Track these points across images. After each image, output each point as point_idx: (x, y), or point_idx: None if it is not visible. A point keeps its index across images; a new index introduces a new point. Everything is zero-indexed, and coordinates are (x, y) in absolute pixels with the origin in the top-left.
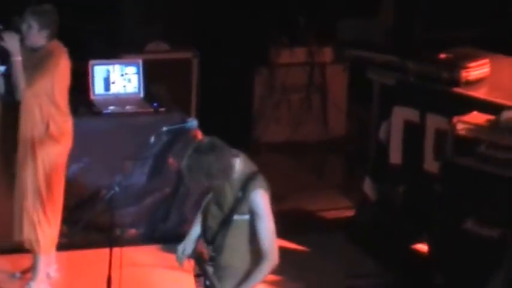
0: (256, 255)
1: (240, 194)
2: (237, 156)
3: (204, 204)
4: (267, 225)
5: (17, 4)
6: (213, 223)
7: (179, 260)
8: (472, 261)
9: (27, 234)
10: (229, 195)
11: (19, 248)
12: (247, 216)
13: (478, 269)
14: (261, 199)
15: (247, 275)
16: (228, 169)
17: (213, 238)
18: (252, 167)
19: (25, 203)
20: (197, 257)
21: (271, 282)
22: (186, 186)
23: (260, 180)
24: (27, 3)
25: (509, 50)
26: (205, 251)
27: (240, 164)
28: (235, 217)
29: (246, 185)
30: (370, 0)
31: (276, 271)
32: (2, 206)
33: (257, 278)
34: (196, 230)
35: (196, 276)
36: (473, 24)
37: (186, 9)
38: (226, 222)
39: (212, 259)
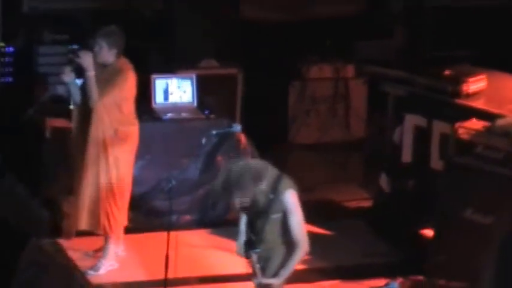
0: (289, 243)
1: (271, 195)
2: (262, 168)
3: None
4: (297, 220)
5: (90, 27)
6: (254, 218)
7: (240, 250)
8: (469, 243)
9: (102, 220)
10: (261, 196)
11: (91, 232)
12: (279, 215)
13: (474, 250)
14: (290, 198)
15: (285, 262)
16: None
17: (255, 229)
18: (274, 170)
19: (99, 194)
20: (247, 243)
21: (303, 261)
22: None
23: (287, 181)
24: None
25: (502, 67)
26: (252, 238)
27: (265, 174)
28: (271, 216)
29: (275, 187)
30: (384, 25)
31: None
32: (77, 198)
33: (293, 264)
34: (243, 223)
35: (246, 258)
36: (471, 46)
37: (233, 32)
38: (263, 217)
39: (256, 247)
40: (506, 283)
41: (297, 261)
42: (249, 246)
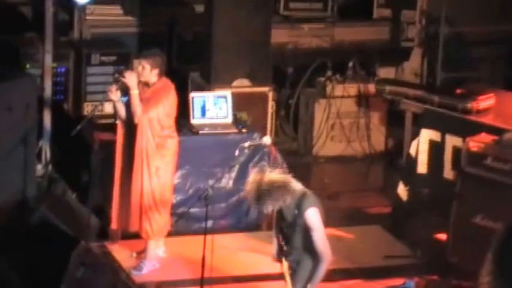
0: (315, 254)
1: (296, 211)
2: (289, 183)
3: (276, 214)
4: (319, 235)
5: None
6: (283, 231)
7: (275, 255)
8: (480, 247)
9: (144, 224)
10: (288, 213)
11: (135, 235)
12: (302, 228)
13: (484, 253)
14: (312, 216)
15: (311, 274)
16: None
17: (286, 241)
18: (298, 187)
19: (142, 201)
20: (279, 250)
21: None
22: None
23: (310, 199)
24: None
25: (508, 86)
26: (284, 248)
27: (291, 190)
28: (295, 229)
29: (299, 205)
30: (402, 51)
31: (332, 253)
32: (122, 204)
33: (319, 276)
34: (276, 232)
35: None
36: (481, 67)
37: (264, 54)
38: (290, 230)
39: (287, 255)
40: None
41: (322, 274)
42: (281, 254)
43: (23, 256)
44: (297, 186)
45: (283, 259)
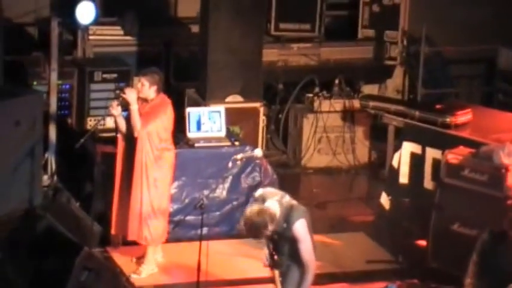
0: (298, 264)
1: (284, 225)
2: (275, 202)
3: None
4: (305, 247)
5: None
6: (272, 240)
7: (266, 261)
8: (458, 252)
9: (143, 231)
10: (277, 225)
11: (134, 242)
12: (290, 239)
13: (462, 258)
14: (300, 228)
15: (299, 283)
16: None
17: (276, 250)
18: (285, 200)
19: (141, 210)
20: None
21: (316, 266)
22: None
23: (297, 212)
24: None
25: (485, 102)
26: (274, 257)
27: (279, 207)
28: (284, 240)
29: (288, 218)
30: (385, 69)
31: (318, 258)
32: (121, 213)
33: (306, 285)
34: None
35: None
36: (459, 84)
37: (256, 72)
38: (279, 242)
39: (276, 264)
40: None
41: (308, 283)
42: (272, 263)
43: (30, 261)
44: (285, 199)
45: (274, 268)
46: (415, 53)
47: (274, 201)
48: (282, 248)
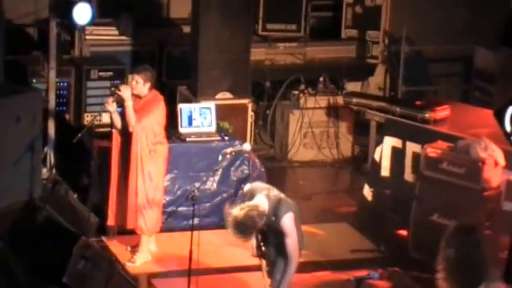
0: (284, 256)
1: (273, 218)
2: (265, 195)
3: None
4: (291, 240)
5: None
6: (261, 234)
7: (254, 251)
8: (437, 242)
9: (139, 221)
10: (265, 218)
11: (129, 231)
12: (278, 232)
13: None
14: (287, 222)
15: (282, 275)
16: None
17: (264, 241)
18: (274, 194)
19: (137, 201)
20: (257, 248)
21: (302, 255)
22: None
23: (285, 205)
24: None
25: (462, 99)
26: (261, 248)
27: (268, 200)
28: (272, 232)
29: (276, 211)
30: (367, 67)
31: (304, 247)
32: (118, 204)
33: (289, 276)
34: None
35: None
36: (438, 81)
37: (244, 70)
38: (267, 234)
39: (263, 254)
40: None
41: (291, 274)
42: (259, 253)
43: (30, 250)
44: (273, 192)
45: (262, 258)
46: (395, 52)
47: (262, 195)
48: (270, 239)
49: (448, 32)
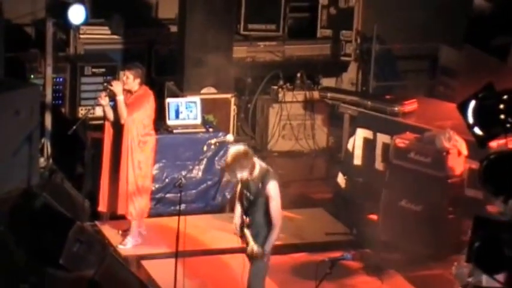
0: (270, 224)
1: (260, 185)
2: (256, 158)
3: (237, 193)
4: (276, 204)
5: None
6: (246, 203)
7: (237, 230)
8: (404, 226)
9: (129, 207)
10: (253, 186)
11: (120, 216)
12: (264, 199)
13: (408, 231)
14: (273, 188)
15: (267, 237)
16: (253, 166)
17: (247, 213)
18: (263, 165)
19: (127, 188)
20: (241, 224)
21: (280, 238)
22: (226, 178)
23: (272, 175)
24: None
25: (428, 94)
26: (245, 219)
27: (257, 165)
28: (258, 199)
29: (264, 178)
30: (341, 64)
31: (282, 231)
32: (110, 191)
33: (273, 239)
34: (238, 209)
35: (240, 237)
36: (406, 77)
37: (227, 67)
38: (253, 203)
39: (248, 225)
40: None
41: (275, 237)
42: (244, 226)
43: (28, 234)
44: (262, 163)
45: (245, 232)
46: (367, 50)
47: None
48: (254, 208)
49: (415, 31)
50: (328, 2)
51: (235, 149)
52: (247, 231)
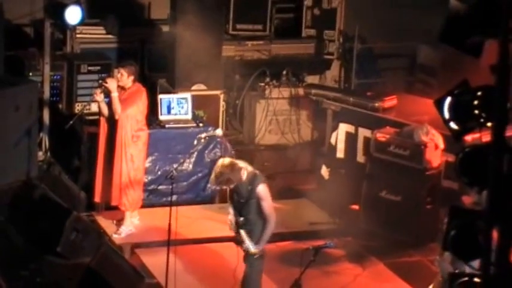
0: (264, 220)
1: (249, 187)
2: (243, 166)
3: (228, 194)
4: (267, 204)
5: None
6: (238, 206)
7: (232, 227)
8: (384, 215)
9: (123, 199)
10: (243, 189)
11: (115, 207)
12: (255, 200)
13: (388, 220)
14: (263, 190)
15: (262, 232)
16: (240, 176)
17: (240, 213)
18: (250, 169)
19: (121, 181)
20: (235, 222)
21: None
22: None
23: (260, 177)
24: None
25: (407, 90)
26: (238, 220)
27: (245, 171)
28: (250, 201)
29: (252, 182)
30: (324, 62)
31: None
32: (104, 183)
33: (267, 235)
34: (231, 208)
35: (235, 234)
36: (386, 75)
37: (217, 65)
38: (245, 205)
39: (242, 224)
40: None
41: (270, 232)
42: (238, 226)
43: (28, 224)
44: (249, 167)
45: (240, 230)
46: (349, 49)
47: (243, 164)
48: (247, 212)
49: (395, 31)
50: (312, 3)
51: (220, 162)
52: (242, 231)
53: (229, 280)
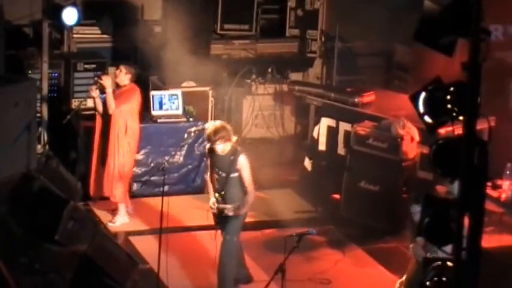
0: (243, 193)
1: (232, 157)
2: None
3: (209, 172)
4: (248, 174)
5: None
6: (220, 182)
7: (213, 207)
8: (364, 204)
9: (114, 190)
10: (225, 160)
11: (109, 198)
12: (237, 174)
13: (367, 209)
14: (244, 160)
15: (242, 202)
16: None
17: (222, 189)
18: (235, 143)
19: (113, 173)
20: (216, 200)
21: (252, 215)
22: (205, 163)
23: (241, 150)
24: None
25: (385, 87)
26: (220, 194)
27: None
28: (231, 175)
29: (235, 153)
30: (307, 60)
31: (253, 209)
32: (98, 175)
33: (248, 201)
34: (211, 191)
35: (213, 214)
36: (365, 72)
37: (206, 63)
38: (227, 180)
39: (223, 199)
40: None
41: (250, 201)
42: (219, 202)
43: (27, 214)
44: (233, 138)
45: (223, 203)
46: (330, 48)
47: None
48: (229, 183)
49: (374, 31)
50: (295, 4)
51: (213, 122)
52: (221, 206)
53: (217, 265)
